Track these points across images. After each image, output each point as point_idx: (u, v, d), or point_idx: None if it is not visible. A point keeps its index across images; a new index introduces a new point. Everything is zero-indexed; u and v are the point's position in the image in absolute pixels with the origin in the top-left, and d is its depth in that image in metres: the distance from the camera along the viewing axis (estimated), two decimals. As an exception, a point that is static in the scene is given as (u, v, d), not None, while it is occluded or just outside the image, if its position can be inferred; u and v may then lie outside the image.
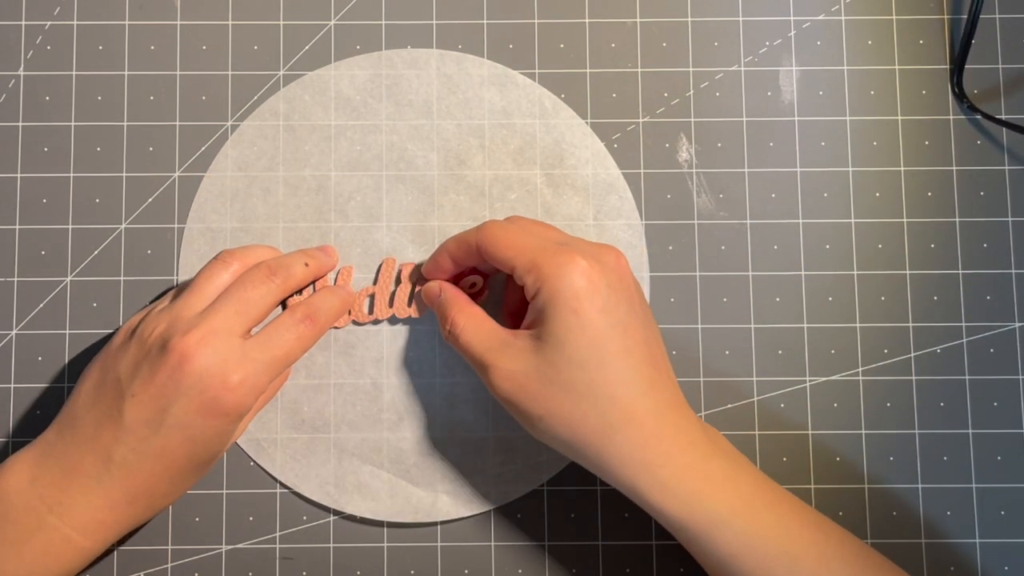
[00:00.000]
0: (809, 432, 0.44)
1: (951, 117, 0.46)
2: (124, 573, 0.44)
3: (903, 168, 0.45)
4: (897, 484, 0.44)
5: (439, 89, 0.46)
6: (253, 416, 0.43)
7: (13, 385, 0.44)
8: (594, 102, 0.46)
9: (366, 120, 0.45)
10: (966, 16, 0.46)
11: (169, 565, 0.44)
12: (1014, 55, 0.46)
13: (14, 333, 0.45)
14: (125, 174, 0.45)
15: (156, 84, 0.46)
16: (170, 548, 0.44)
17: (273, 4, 0.46)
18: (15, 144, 0.45)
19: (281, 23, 0.46)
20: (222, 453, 0.42)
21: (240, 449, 0.44)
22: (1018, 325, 0.45)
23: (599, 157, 0.45)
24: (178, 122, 0.46)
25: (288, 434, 0.44)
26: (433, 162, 0.45)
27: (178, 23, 0.46)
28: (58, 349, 0.44)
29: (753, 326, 0.45)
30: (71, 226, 0.45)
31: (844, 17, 0.46)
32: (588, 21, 0.46)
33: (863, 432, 0.44)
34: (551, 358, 0.37)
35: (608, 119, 0.46)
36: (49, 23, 0.46)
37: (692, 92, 0.46)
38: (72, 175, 0.45)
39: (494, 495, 0.44)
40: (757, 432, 0.44)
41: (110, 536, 0.39)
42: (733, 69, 0.46)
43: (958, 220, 0.45)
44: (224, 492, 0.44)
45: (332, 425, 0.44)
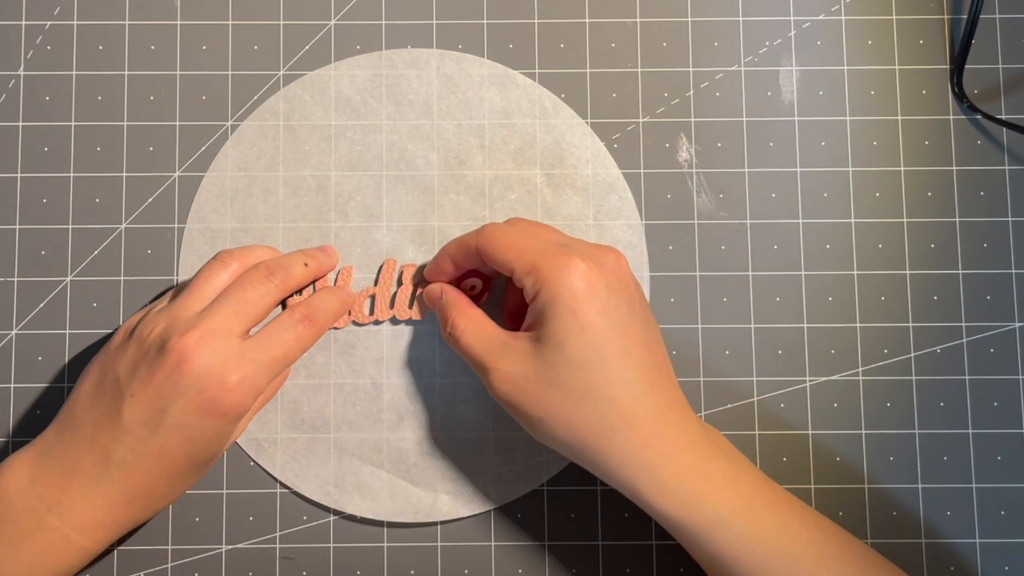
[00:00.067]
0: (809, 432, 0.44)
1: (951, 117, 0.46)
2: (124, 573, 0.44)
3: (903, 168, 0.45)
4: (897, 484, 0.44)
5: (439, 89, 0.46)
6: (252, 416, 0.43)
7: (13, 385, 0.44)
8: (594, 102, 0.46)
9: (366, 120, 0.45)
10: (966, 16, 0.45)
11: (169, 565, 0.44)
12: (1014, 55, 0.46)
13: (14, 333, 0.45)
14: (125, 174, 0.45)
15: (156, 84, 0.46)
16: (170, 548, 0.44)
17: (273, 4, 0.46)
18: (15, 144, 0.45)
19: (281, 23, 0.46)
20: (221, 453, 0.42)
21: (240, 449, 0.44)
22: (1018, 325, 0.45)
23: (599, 157, 0.45)
24: (178, 122, 0.46)
25: (288, 434, 0.44)
26: (433, 162, 0.45)
27: (178, 23, 0.46)
28: (58, 349, 0.44)
29: (753, 326, 0.45)
30: (71, 226, 0.45)
31: (844, 17, 0.46)
32: (588, 21, 0.46)
33: (863, 432, 0.44)
34: (551, 360, 0.37)
35: (608, 119, 0.46)
36: (49, 23, 0.46)
37: (692, 92, 0.46)
38: (72, 175, 0.45)
39: (494, 495, 0.44)
40: (757, 432, 0.44)
41: (109, 536, 0.39)
42: (733, 69, 0.46)
43: (958, 220, 0.45)
44: (224, 492, 0.44)
45: (332, 425, 0.44)
